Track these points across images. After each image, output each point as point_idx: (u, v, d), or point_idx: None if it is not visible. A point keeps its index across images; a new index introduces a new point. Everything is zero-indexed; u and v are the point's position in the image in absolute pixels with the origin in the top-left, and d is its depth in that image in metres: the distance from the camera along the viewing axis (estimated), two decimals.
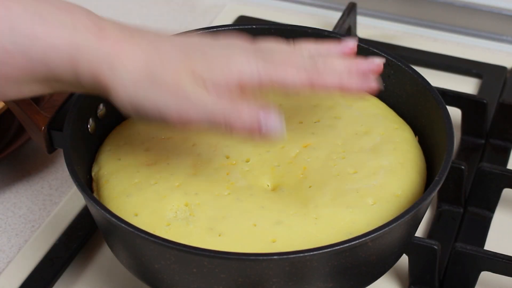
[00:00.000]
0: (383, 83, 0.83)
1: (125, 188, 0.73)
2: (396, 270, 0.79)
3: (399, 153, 0.76)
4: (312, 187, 0.73)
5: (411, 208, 0.68)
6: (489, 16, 1.07)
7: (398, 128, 0.79)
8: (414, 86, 0.80)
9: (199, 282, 0.67)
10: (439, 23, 1.09)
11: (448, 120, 0.75)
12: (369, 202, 0.72)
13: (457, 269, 0.77)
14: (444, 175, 0.71)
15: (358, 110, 0.81)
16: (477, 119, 0.92)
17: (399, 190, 0.73)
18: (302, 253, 0.65)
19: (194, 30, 0.85)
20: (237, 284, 0.67)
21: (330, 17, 1.10)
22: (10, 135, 0.93)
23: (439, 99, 0.77)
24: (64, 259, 0.80)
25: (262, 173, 0.75)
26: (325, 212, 0.71)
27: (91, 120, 0.79)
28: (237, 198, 0.72)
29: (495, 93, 0.98)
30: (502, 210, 0.86)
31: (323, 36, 0.85)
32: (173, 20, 1.12)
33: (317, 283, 0.68)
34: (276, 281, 0.66)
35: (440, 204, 0.86)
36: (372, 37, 1.07)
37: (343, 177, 0.74)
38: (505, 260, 0.75)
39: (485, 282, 0.78)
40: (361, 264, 0.69)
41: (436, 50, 1.05)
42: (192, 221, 0.70)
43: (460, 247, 0.76)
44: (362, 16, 1.10)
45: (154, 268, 0.68)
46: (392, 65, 0.82)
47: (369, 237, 0.66)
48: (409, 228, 0.72)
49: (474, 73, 1.03)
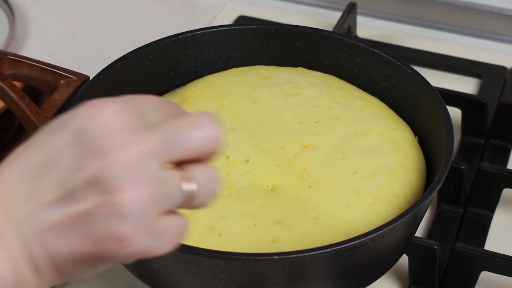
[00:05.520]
0: (383, 83, 0.83)
1: None
2: (396, 270, 0.79)
3: (399, 153, 0.76)
4: (312, 187, 0.73)
5: (411, 208, 0.68)
6: (489, 16, 1.07)
7: (398, 128, 0.79)
8: (414, 86, 0.80)
9: (199, 282, 0.67)
10: (439, 23, 1.09)
11: (448, 120, 0.75)
12: (369, 202, 0.72)
13: (457, 269, 0.77)
14: (444, 175, 0.71)
15: (358, 110, 0.81)
16: (477, 119, 0.92)
17: (399, 190, 0.73)
18: (302, 253, 0.65)
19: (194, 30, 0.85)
20: (237, 284, 0.67)
21: (330, 17, 1.10)
22: (10, 135, 0.93)
23: (439, 99, 0.77)
24: None
25: (262, 173, 0.75)
26: (325, 212, 0.71)
27: None
28: (237, 198, 0.72)
29: (495, 93, 0.98)
30: (502, 210, 0.86)
31: (323, 36, 0.85)
32: (173, 20, 1.12)
33: (317, 283, 0.68)
34: (276, 281, 0.66)
35: (440, 204, 0.86)
36: (372, 37, 1.07)
37: (343, 177, 0.74)
38: (505, 260, 0.75)
39: (485, 282, 0.78)
40: (361, 264, 0.69)
41: (436, 50, 1.05)
42: (192, 221, 0.70)
43: (460, 247, 0.76)
44: (362, 16, 1.10)
45: (154, 268, 0.68)
46: (392, 65, 0.82)
47: (369, 237, 0.66)
48: (409, 228, 0.72)
49: (474, 73, 1.03)
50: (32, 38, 1.08)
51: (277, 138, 0.77)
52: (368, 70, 0.84)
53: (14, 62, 0.81)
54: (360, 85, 0.85)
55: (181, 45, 0.85)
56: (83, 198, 0.51)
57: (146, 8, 1.14)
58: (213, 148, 0.53)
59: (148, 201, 0.51)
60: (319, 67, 0.86)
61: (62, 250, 0.52)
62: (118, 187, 0.50)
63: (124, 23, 1.11)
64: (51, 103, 0.79)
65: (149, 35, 1.08)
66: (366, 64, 0.84)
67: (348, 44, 0.84)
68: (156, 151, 0.52)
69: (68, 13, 1.12)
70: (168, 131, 0.52)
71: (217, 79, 0.85)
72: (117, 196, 0.50)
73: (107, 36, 1.09)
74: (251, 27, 0.86)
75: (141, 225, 0.51)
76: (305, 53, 0.86)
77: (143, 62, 0.83)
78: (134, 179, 0.51)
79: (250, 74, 0.85)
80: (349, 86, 0.84)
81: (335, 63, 0.85)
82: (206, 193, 0.54)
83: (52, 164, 0.52)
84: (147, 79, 0.84)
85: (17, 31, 1.08)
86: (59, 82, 0.81)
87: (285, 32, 0.86)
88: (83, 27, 1.10)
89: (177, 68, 0.86)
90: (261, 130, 0.79)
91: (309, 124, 0.79)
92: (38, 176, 0.52)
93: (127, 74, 0.83)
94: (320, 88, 0.83)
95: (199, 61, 0.86)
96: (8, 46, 1.03)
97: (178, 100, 0.83)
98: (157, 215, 0.52)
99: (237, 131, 0.78)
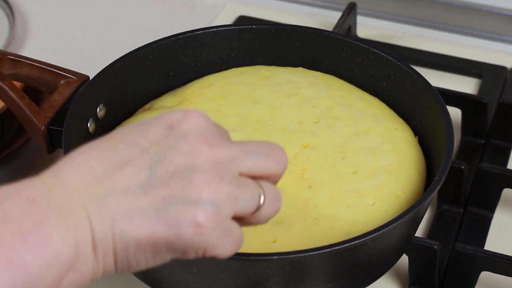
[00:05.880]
0: (383, 83, 0.83)
1: None
2: (396, 270, 0.79)
3: (399, 153, 0.76)
4: (312, 187, 0.73)
5: (411, 208, 0.68)
6: (489, 16, 1.07)
7: (398, 128, 0.79)
8: (414, 86, 0.80)
9: (199, 282, 0.67)
10: (439, 23, 1.09)
11: (448, 120, 0.75)
12: (369, 202, 0.72)
13: (457, 269, 0.77)
14: (444, 175, 0.71)
15: (358, 110, 0.81)
16: (477, 119, 0.92)
17: (399, 190, 0.73)
18: (302, 253, 0.65)
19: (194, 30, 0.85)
20: (237, 284, 0.67)
21: (330, 17, 1.10)
22: (10, 135, 0.93)
23: (439, 99, 0.77)
24: None
25: None
26: (325, 212, 0.71)
27: (91, 120, 0.79)
28: None
29: (495, 93, 0.98)
30: (502, 210, 0.86)
31: (323, 36, 0.85)
32: (173, 20, 1.12)
33: (317, 283, 0.68)
34: (276, 281, 0.66)
35: (440, 204, 0.86)
36: (372, 37, 1.07)
37: (343, 177, 0.74)
38: (505, 260, 0.75)
39: (485, 282, 0.78)
40: (361, 264, 0.69)
41: (436, 50, 1.05)
42: None
43: (460, 247, 0.76)
44: (362, 16, 1.10)
45: (154, 268, 0.68)
46: (392, 65, 0.82)
47: (369, 237, 0.66)
48: (409, 228, 0.71)
49: (474, 73, 1.03)
50: (32, 38, 1.08)
51: (277, 138, 0.77)
52: (368, 70, 0.84)
53: (14, 62, 0.81)
54: (360, 85, 0.85)
55: (181, 45, 0.85)
56: (168, 184, 0.54)
57: (146, 8, 1.14)
58: (280, 172, 0.59)
59: (227, 197, 0.55)
60: (319, 67, 0.86)
61: (136, 232, 0.54)
62: (203, 178, 0.54)
63: (124, 23, 1.11)
64: (51, 103, 0.79)
65: (149, 35, 1.08)
66: (366, 64, 0.84)
67: (348, 44, 0.84)
68: (237, 159, 0.56)
69: (68, 13, 1.12)
70: (248, 146, 0.57)
71: (217, 79, 0.85)
72: (201, 185, 0.54)
73: (107, 36, 1.09)
74: (251, 27, 0.86)
75: (216, 217, 0.54)
76: (305, 53, 0.86)
77: (143, 62, 0.83)
78: (219, 175, 0.55)
79: (250, 74, 0.85)
80: (349, 86, 0.84)
81: (335, 63, 0.85)
82: (271, 208, 0.58)
83: (137, 152, 0.55)
84: (147, 79, 0.84)
85: (17, 31, 1.08)
86: (59, 82, 0.81)
87: (285, 32, 0.86)
88: (83, 27, 1.10)
89: (177, 68, 0.86)
90: (261, 130, 0.78)
91: (309, 124, 0.79)
92: (119, 162, 0.55)
93: (127, 74, 0.83)
94: (320, 88, 0.83)
95: (199, 61, 0.86)
96: (8, 46, 1.03)
97: (178, 100, 0.83)
98: (229, 214, 0.55)
99: (237, 131, 0.78)
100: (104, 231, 0.53)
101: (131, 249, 0.54)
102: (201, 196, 0.54)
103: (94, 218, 0.53)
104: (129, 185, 0.54)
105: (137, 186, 0.54)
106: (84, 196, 0.53)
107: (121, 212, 0.54)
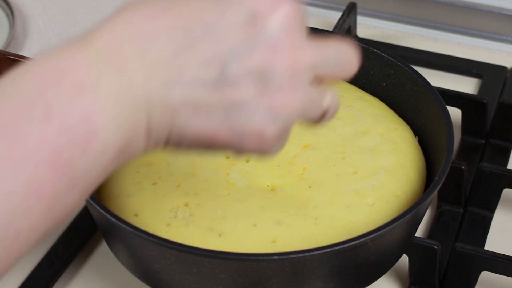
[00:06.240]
0: (383, 83, 0.83)
1: (125, 188, 0.73)
2: (396, 270, 0.79)
3: (399, 153, 0.76)
4: (312, 187, 0.73)
5: (411, 208, 0.68)
6: (489, 16, 1.07)
7: (398, 128, 0.79)
8: (414, 86, 0.80)
9: (199, 282, 0.67)
10: (439, 23, 1.09)
11: (448, 120, 0.75)
12: (368, 202, 0.72)
13: (457, 269, 0.77)
14: (444, 175, 0.71)
15: (358, 110, 0.81)
16: (477, 119, 0.92)
17: (399, 190, 0.73)
18: (302, 253, 0.65)
19: None
20: (237, 284, 0.66)
21: (330, 17, 1.10)
22: None
23: (439, 99, 0.77)
24: (64, 259, 0.80)
25: (262, 173, 0.75)
26: (325, 212, 0.71)
27: None
28: (237, 198, 0.72)
29: (495, 93, 0.98)
30: (502, 210, 0.86)
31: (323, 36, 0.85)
32: None
33: (317, 283, 0.68)
34: (276, 281, 0.66)
35: (440, 204, 0.86)
36: (372, 37, 1.07)
37: (343, 177, 0.74)
38: (505, 260, 0.75)
39: (485, 282, 0.78)
40: (361, 264, 0.69)
41: (436, 50, 1.05)
42: (192, 221, 0.70)
43: (460, 247, 0.76)
44: (362, 16, 1.09)
45: (154, 268, 0.68)
46: (392, 65, 0.82)
47: (369, 237, 0.66)
48: (409, 228, 0.71)
49: (474, 73, 1.02)
50: (32, 38, 1.08)
51: None
52: (368, 70, 0.84)
53: (14, 62, 0.81)
54: (360, 85, 0.85)
55: None
56: (240, 85, 0.49)
57: None
58: (349, 77, 0.55)
59: (298, 111, 0.51)
60: None
61: (197, 129, 0.50)
62: (281, 87, 0.50)
63: None
64: None
65: None
66: (366, 64, 0.84)
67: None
68: (316, 66, 0.52)
69: (68, 13, 1.12)
70: (330, 51, 0.53)
71: None
72: (277, 96, 0.50)
73: None
74: None
75: (283, 131, 0.51)
76: None
77: None
78: (296, 86, 0.50)
79: None
80: (349, 86, 0.84)
81: None
82: (332, 115, 0.56)
83: (211, 39, 0.49)
84: None
85: (17, 31, 1.08)
86: None
87: None
88: (83, 27, 1.10)
89: None
90: None
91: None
92: (189, 44, 0.49)
93: None
94: None
95: None
96: (8, 46, 1.03)
97: None
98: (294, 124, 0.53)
99: None
100: (162, 122, 0.49)
101: (186, 141, 0.51)
102: (274, 109, 0.50)
103: (155, 108, 0.48)
104: (199, 77, 0.48)
105: (207, 80, 0.49)
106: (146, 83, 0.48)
107: (186, 105, 0.49)
